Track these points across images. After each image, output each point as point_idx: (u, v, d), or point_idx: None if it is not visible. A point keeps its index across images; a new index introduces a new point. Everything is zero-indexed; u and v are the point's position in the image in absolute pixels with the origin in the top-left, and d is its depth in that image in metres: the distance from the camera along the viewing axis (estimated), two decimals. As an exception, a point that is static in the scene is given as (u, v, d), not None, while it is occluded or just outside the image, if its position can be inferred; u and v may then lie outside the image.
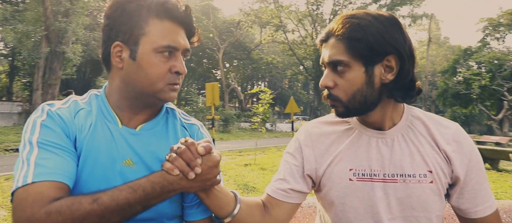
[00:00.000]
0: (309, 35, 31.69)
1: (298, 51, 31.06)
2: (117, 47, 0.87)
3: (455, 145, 0.93)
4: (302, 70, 33.93)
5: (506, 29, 24.52)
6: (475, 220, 0.94)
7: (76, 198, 0.74)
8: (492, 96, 22.81)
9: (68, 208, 0.71)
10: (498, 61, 22.29)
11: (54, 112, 0.86)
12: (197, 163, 0.81)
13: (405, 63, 0.86)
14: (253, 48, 34.27)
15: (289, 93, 37.00)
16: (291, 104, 9.60)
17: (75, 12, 15.53)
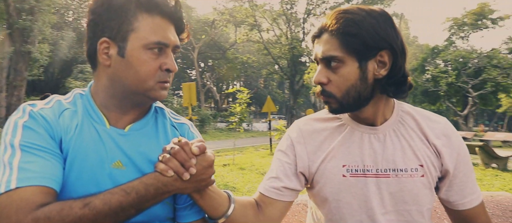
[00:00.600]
0: (283, 34, 31.93)
1: (273, 51, 31.23)
2: (104, 44, 0.83)
3: (444, 139, 0.95)
4: (277, 69, 34.16)
5: (469, 28, 25.74)
6: (463, 212, 0.97)
7: (66, 203, 0.70)
8: (458, 93, 23.90)
9: (57, 213, 0.67)
10: (463, 59, 23.36)
11: (37, 113, 0.81)
12: (192, 163, 0.79)
13: (398, 59, 0.88)
14: (228, 48, 34.12)
15: (264, 93, 37.15)
16: (268, 103, 9.63)
17: (41, 9, 14.85)
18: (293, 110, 32.00)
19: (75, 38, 20.04)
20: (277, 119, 27.08)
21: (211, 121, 24.70)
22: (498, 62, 22.31)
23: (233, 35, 35.12)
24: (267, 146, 10.63)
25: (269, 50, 30.66)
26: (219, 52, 34.38)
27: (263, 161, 8.58)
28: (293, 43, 30.26)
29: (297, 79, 31.20)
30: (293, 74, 31.16)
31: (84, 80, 17.99)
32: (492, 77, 21.31)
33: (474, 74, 22.48)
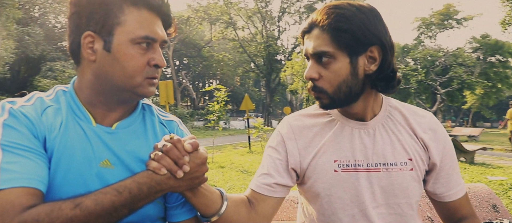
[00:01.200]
0: (259, 32, 32.00)
1: (249, 49, 31.25)
2: (88, 38, 0.79)
3: (431, 133, 0.97)
4: (253, 67, 34.22)
5: (437, 28, 26.84)
6: (448, 203, 1.00)
7: (55, 204, 0.67)
8: (426, 90, 24.89)
9: (47, 215, 0.64)
10: (431, 58, 24.36)
11: (17, 110, 0.76)
12: (185, 160, 0.77)
13: (387, 54, 0.89)
14: (204, 46, 33.80)
15: (241, 91, 37.11)
16: (246, 101, 9.62)
17: (4, 4, 14.10)
18: (270, 108, 32.16)
19: (42, 34, 19.18)
20: (254, 117, 27.18)
21: (188, 119, 24.39)
22: (463, 60, 23.40)
23: (208, 32, 34.84)
24: (245, 144, 10.62)
25: (244, 48, 30.65)
26: (195, 50, 34.00)
27: (242, 159, 8.56)
28: (269, 41, 30.40)
29: (273, 77, 31.39)
30: (269, 72, 31.31)
31: (53, 78, 17.28)
32: (458, 75, 22.33)
33: (441, 72, 23.48)
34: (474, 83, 22.70)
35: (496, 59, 24.84)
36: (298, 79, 18.67)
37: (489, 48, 24.43)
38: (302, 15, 32.78)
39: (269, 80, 31.56)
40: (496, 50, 24.33)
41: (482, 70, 23.62)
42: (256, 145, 11.32)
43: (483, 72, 23.70)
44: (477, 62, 23.85)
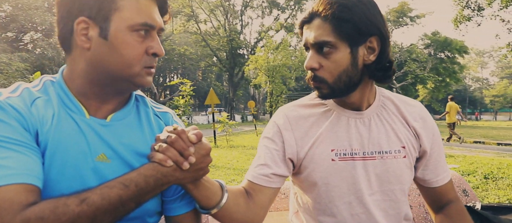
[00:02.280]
0: (221, 26, 31.73)
1: (212, 43, 30.89)
2: (82, 24, 0.74)
3: (421, 121, 1.02)
4: (216, 61, 33.89)
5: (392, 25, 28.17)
6: (436, 188, 1.05)
7: (59, 200, 0.62)
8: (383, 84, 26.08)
9: (51, 212, 0.60)
10: (388, 53, 25.56)
11: (4, 102, 0.69)
12: (191, 152, 0.75)
13: (386, 45, 0.91)
14: (165, 39, 32.87)
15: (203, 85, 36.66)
16: (211, 95, 9.51)
17: None
18: (233, 103, 32.10)
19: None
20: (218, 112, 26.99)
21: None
22: (417, 56, 24.81)
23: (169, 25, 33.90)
24: (210, 138, 10.51)
25: (207, 42, 30.25)
26: (155, 43, 32.95)
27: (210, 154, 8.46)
28: (232, 35, 30.25)
29: (236, 72, 31.32)
30: (232, 67, 31.20)
31: (-1, 72, 15.92)
32: (412, 70, 23.65)
33: (397, 67, 24.73)
34: (426, 78, 24.20)
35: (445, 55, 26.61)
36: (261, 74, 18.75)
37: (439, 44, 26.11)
38: (265, 10, 32.95)
39: (232, 74, 31.46)
40: (445, 47, 26.06)
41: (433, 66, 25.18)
42: (221, 140, 11.25)
43: (434, 68, 25.31)
44: (428, 58, 25.41)
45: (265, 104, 32.02)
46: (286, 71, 19.02)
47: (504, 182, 4.69)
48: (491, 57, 75.97)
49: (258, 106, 31.93)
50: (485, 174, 5.11)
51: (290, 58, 19.58)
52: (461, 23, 7.49)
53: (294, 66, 20.36)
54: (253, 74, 27.59)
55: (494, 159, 6.86)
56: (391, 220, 0.99)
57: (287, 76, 19.37)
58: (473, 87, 67.35)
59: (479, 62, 74.50)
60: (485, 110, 63.00)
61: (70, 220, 0.61)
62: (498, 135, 15.40)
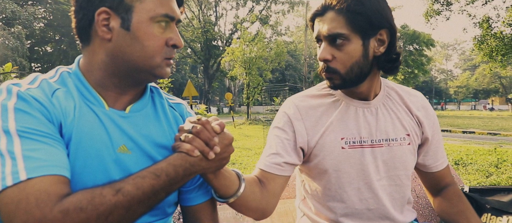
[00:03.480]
0: (196, 17, 31.22)
1: (186, 34, 30.35)
2: (103, 15, 0.73)
3: (423, 110, 1.08)
4: (190, 53, 33.36)
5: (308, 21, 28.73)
6: (435, 173, 1.12)
7: (95, 190, 0.62)
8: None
9: (89, 202, 0.60)
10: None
11: (26, 93, 0.68)
12: (215, 141, 0.76)
13: (394, 37, 0.95)
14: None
15: (177, 77, 36.06)
16: (189, 87, 9.40)
17: None
18: (209, 95, 31.83)
19: None
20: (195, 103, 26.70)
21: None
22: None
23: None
24: (188, 131, 10.40)
25: (181, 33, 29.65)
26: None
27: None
28: (206, 26, 29.85)
29: (212, 64, 31.01)
30: (207, 58, 30.86)
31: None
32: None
33: (369, 59, 25.36)
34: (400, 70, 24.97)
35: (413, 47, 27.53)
36: (238, 66, 18.70)
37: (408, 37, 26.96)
38: (239, 1, 32.70)
39: (207, 66, 31.12)
40: (413, 40, 26.95)
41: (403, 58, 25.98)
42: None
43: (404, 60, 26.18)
44: (400, 50, 26.24)
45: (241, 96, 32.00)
46: (262, 63, 19.06)
47: (473, 167, 4.99)
48: (455, 50, 79.63)
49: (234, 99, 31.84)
50: (455, 160, 5.40)
51: (266, 50, 19.61)
52: (431, 17, 7.78)
53: (270, 58, 20.43)
54: (229, 66, 27.41)
55: (462, 146, 7.26)
56: (396, 203, 1.05)
57: (263, 68, 19.42)
58: (439, 79, 70.45)
59: (444, 54, 77.87)
60: (449, 100, 66.17)
61: (108, 210, 0.61)
62: (463, 123, 16.28)
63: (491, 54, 6.86)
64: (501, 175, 4.57)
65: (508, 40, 6.70)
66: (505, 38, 6.72)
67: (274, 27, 34.65)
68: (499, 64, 6.84)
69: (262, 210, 0.97)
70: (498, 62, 7.02)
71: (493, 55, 6.93)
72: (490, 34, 6.94)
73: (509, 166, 5.13)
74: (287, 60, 35.62)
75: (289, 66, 44.29)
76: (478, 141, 9.32)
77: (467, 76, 57.44)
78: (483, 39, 6.83)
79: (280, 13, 34.13)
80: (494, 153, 6.21)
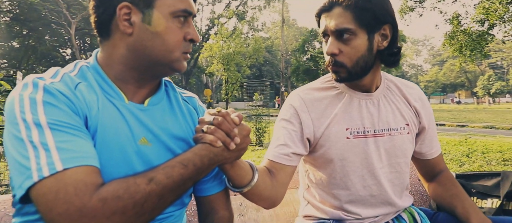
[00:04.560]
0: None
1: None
2: (125, 9, 0.75)
3: (420, 102, 1.14)
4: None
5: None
6: (430, 160, 1.20)
7: (129, 179, 0.64)
8: (332, 71, 27.21)
9: (125, 191, 0.62)
10: (336, 41, 26.63)
11: (51, 86, 0.68)
12: (235, 132, 0.79)
13: (396, 32, 1.01)
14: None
15: (153, 74, 35.24)
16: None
17: None
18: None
19: None
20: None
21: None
22: (362, 44, 26.12)
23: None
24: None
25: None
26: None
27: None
28: (182, 22, 29.36)
29: (189, 60, 30.62)
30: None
31: None
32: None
33: (344, 54, 25.90)
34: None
35: (386, 43, 28.38)
36: (216, 62, 18.57)
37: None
38: (216, -4, 32.42)
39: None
40: (387, 36, 27.78)
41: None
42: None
43: (377, 55, 26.88)
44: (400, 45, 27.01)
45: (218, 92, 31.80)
46: (240, 59, 19.03)
47: (447, 158, 5.25)
48: (424, 45, 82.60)
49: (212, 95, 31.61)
50: (430, 151, 5.65)
51: (243, 46, 19.58)
52: (406, 14, 8.04)
53: (248, 54, 20.43)
54: (206, 62, 27.15)
55: (435, 138, 7.57)
56: (396, 189, 1.11)
57: (242, 63, 19.39)
58: (410, 74, 72.91)
59: (414, 50, 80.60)
60: (420, 94, 68.46)
61: (143, 199, 0.63)
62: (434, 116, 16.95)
63: (461, 49, 7.19)
64: (473, 164, 4.83)
65: (476, 36, 7.04)
66: (473, 34, 7.06)
67: (250, 23, 34.63)
68: (468, 59, 7.18)
69: (273, 199, 1.00)
70: (467, 57, 7.35)
71: (462, 51, 7.25)
72: (459, 30, 7.27)
73: (479, 155, 5.43)
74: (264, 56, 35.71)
75: (266, 62, 44.45)
76: (449, 133, 9.78)
77: (436, 71, 59.82)
78: (454, 35, 7.14)
79: (256, 8, 34.15)
80: (465, 144, 6.55)
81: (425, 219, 1.11)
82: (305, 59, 27.59)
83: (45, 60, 31.24)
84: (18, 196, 0.60)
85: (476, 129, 11.45)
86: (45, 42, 30.49)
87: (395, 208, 1.12)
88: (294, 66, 29.34)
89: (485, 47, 6.90)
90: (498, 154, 5.53)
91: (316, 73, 26.62)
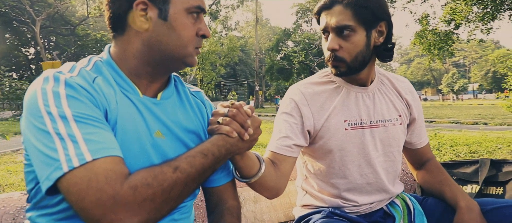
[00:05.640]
0: (143, 10, 29.87)
1: (133, 28, 29.00)
2: (141, 5, 0.77)
3: (410, 94, 1.22)
4: (138, 48, 31.97)
5: (312, 14, 29.82)
6: (419, 149, 1.28)
7: (155, 169, 0.67)
8: (306, 70, 27.70)
9: (154, 179, 0.64)
10: (309, 40, 27.09)
11: (71, 80, 0.69)
12: (249, 124, 0.82)
13: (391, 29, 1.07)
14: (79, 23, 29.89)
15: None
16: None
17: None
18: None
19: None
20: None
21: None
22: (334, 43, 26.73)
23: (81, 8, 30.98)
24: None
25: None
26: (67, 28, 29.82)
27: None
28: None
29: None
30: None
31: None
32: (330, 56, 25.49)
33: (317, 53, 26.39)
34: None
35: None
36: (190, 61, 18.36)
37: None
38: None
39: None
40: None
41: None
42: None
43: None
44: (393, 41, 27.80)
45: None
46: (215, 58, 18.92)
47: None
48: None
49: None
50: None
51: (218, 45, 19.49)
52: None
53: (223, 53, 20.36)
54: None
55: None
56: (390, 177, 1.19)
57: (216, 63, 19.30)
58: (379, 72, 75.19)
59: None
60: (389, 92, 70.96)
61: (170, 186, 0.65)
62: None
63: (430, 48, 7.55)
64: (443, 156, 5.10)
65: (443, 35, 7.42)
66: (441, 33, 7.43)
67: (224, 22, 34.49)
68: (436, 57, 7.55)
69: (276, 189, 1.05)
70: (435, 55, 7.72)
71: (431, 49, 7.61)
72: (428, 30, 7.63)
73: (448, 148, 5.74)
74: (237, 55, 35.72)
75: (240, 61, 44.46)
76: (418, 128, 10.22)
77: (404, 69, 62.18)
78: (423, 34, 7.48)
79: (229, 8, 34.07)
80: (435, 138, 6.88)
81: (416, 203, 1.19)
82: (279, 58, 27.84)
83: (6, 60, 29.64)
84: (45, 187, 0.61)
85: (443, 124, 12.05)
86: (6, 40, 28.94)
87: (389, 194, 1.19)
88: (268, 65, 29.57)
89: (451, 46, 7.28)
90: (465, 147, 5.87)
91: (290, 72, 26.99)
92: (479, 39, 7.39)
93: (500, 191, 1.43)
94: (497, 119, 13.53)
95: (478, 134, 7.89)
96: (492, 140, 6.49)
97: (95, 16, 27.46)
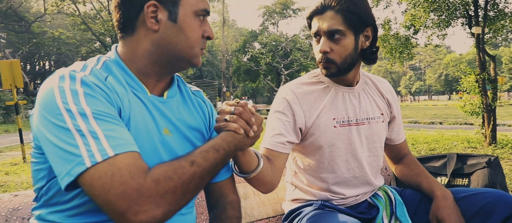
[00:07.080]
0: (104, 8, 28.87)
1: (94, 26, 27.84)
2: (152, 7, 0.80)
3: (390, 94, 1.33)
4: (99, 47, 30.74)
5: (278, 16, 30.26)
6: (397, 145, 1.39)
7: (173, 163, 0.70)
8: (272, 72, 28.03)
9: (174, 172, 0.67)
10: (275, 42, 27.46)
11: (86, 78, 0.71)
12: (253, 121, 0.87)
13: (376, 33, 1.17)
14: (34, 20, 28.18)
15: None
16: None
17: None
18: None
19: None
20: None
21: (22, 107, 20.24)
22: (300, 45, 27.28)
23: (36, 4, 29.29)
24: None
25: (88, 26, 27.11)
26: (21, 25, 28.02)
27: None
28: (118, 19, 27.78)
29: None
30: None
31: None
32: (297, 58, 25.97)
33: (284, 55, 26.82)
34: (309, 65, 26.96)
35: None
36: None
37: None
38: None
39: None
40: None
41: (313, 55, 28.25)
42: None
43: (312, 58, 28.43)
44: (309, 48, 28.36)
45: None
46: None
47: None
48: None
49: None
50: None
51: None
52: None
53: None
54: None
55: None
56: (373, 171, 1.28)
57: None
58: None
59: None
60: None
61: (188, 179, 0.69)
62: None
63: (392, 51, 7.95)
64: (418, 153, 5.41)
65: (403, 40, 7.85)
66: (401, 38, 7.86)
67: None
68: (397, 60, 7.98)
69: (272, 184, 1.10)
70: (396, 58, 8.15)
71: (393, 53, 8.03)
72: (390, 34, 8.03)
73: (410, 146, 6.09)
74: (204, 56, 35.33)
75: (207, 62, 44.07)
76: (381, 128, 10.72)
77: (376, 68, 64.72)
78: (385, 38, 7.87)
79: (196, 8, 33.61)
80: (407, 135, 7.25)
81: (396, 195, 1.30)
82: (246, 60, 27.96)
83: (-47, 58, 27.35)
84: (66, 183, 0.62)
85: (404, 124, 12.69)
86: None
87: (373, 187, 1.28)
88: (235, 66, 29.59)
89: (411, 49, 7.72)
90: (425, 145, 6.27)
91: (257, 73, 27.19)
92: (435, 44, 7.90)
93: (466, 182, 1.58)
94: (450, 118, 14.53)
95: (435, 133, 8.44)
96: (448, 138, 6.98)
97: (53, 12, 26.07)
